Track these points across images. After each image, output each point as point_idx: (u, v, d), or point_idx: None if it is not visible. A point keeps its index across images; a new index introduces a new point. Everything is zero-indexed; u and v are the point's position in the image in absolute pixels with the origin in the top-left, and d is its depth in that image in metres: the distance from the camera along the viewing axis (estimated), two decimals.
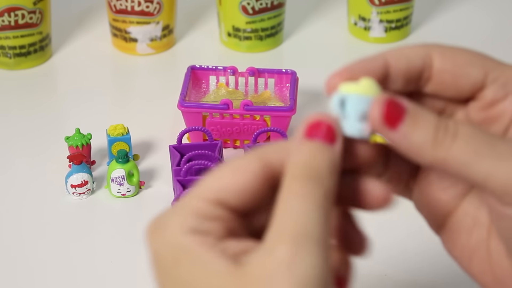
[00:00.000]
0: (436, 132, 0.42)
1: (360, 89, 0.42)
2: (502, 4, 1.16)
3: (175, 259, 0.40)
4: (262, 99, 0.89)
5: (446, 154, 0.41)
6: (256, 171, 0.42)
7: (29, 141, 0.89)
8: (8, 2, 0.96)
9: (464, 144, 0.41)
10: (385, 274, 0.71)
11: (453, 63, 0.44)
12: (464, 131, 0.42)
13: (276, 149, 0.42)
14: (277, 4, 1.03)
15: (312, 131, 0.41)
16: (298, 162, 0.41)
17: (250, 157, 0.42)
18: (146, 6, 1.01)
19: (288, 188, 0.40)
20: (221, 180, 0.42)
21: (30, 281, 0.72)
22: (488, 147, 0.41)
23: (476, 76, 0.44)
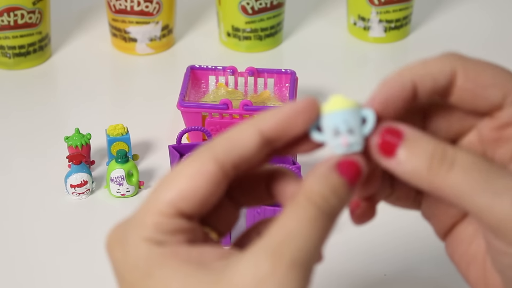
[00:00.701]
0: (432, 159, 0.41)
1: (327, 107, 0.42)
2: (502, 4, 1.16)
3: (145, 273, 0.40)
4: (261, 99, 0.89)
5: (441, 183, 0.41)
6: (211, 173, 0.41)
7: (28, 141, 0.89)
8: (7, 2, 0.96)
9: (461, 175, 0.41)
10: (384, 274, 0.72)
11: (474, 83, 0.44)
12: (462, 161, 0.42)
13: (229, 144, 0.42)
14: (276, 4, 1.03)
15: (344, 167, 0.42)
16: (319, 189, 0.41)
17: (203, 157, 0.42)
18: (146, 6, 1.01)
19: (297, 208, 0.40)
20: (177, 189, 0.41)
21: (30, 280, 0.72)
22: (485, 180, 0.41)
23: (494, 99, 0.44)
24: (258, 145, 0.42)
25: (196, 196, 0.41)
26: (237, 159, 0.42)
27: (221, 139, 0.42)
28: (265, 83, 0.91)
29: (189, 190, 0.41)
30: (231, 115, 0.85)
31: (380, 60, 1.06)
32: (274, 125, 0.42)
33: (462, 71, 0.44)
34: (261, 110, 0.84)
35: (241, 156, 0.42)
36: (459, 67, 0.44)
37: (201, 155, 0.42)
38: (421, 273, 0.72)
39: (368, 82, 1.01)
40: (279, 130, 0.42)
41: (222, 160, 0.41)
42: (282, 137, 0.42)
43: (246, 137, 0.42)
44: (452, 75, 0.44)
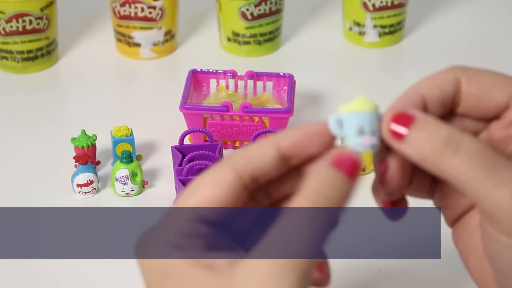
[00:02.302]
0: (438, 143, 0.42)
1: (353, 107, 0.44)
2: (492, 10, 1.16)
3: (162, 274, 0.41)
4: (260, 101, 0.90)
5: (445, 166, 0.42)
6: (231, 183, 0.43)
7: (36, 142, 0.89)
8: (16, 9, 0.96)
9: (465, 161, 0.42)
10: (379, 270, 0.72)
11: (477, 86, 0.45)
12: (467, 147, 0.42)
13: (248, 157, 0.43)
14: (275, 10, 1.02)
15: (339, 161, 0.42)
16: (316, 185, 0.41)
17: (224, 168, 0.43)
18: (149, 12, 1.01)
19: (296, 208, 0.41)
20: (199, 197, 0.43)
21: (35, 277, 0.72)
22: (488, 169, 0.41)
23: (500, 99, 0.45)
24: (275, 160, 0.43)
25: (215, 203, 0.43)
26: (255, 171, 0.43)
27: (241, 152, 0.44)
28: (264, 86, 0.91)
29: (209, 198, 0.42)
30: (231, 117, 0.85)
31: (375, 64, 1.05)
32: (290, 143, 0.43)
33: (465, 77, 0.45)
34: (261, 112, 0.85)
35: (258, 168, 0.43)
36: (462, 75, 0.45)
37: (222, 166, 0.43)
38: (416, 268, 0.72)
39: (363, 85, 1.01)
40: (295, 149, 0.43)
41: (241, 171, 0.43)
42: (297, 156, 0.44)
43: (264, 152, 0.43)
44: (456, 82, 0.45)
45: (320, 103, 0.95)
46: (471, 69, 0.45)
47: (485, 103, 0.45)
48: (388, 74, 1.05)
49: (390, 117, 0.43)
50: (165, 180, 0.83)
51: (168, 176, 0.83)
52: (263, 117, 0.85)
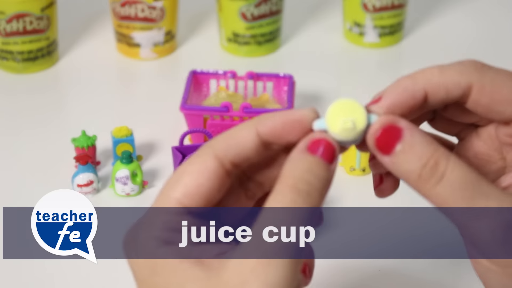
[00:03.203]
0: (423, 168, 0.41)
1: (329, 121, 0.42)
2: (492, 10, 1.16)
3: (152, 271, 0.41)
4: (260, 102, 0.90)
5: (428, 193, 0.42)
6: (213, 171, 0.42)
7: (37, 143, 0.89)
8: (16, 9, 0.96)
9: (448, 191, 0.41)
10: (379, 270, 0.72)
11: (489, 99, 0.43)
12: (452, 176, 0.41)
13: (228, 142, 0.42)
14: (275, 11, 1.03)
15: (314, 146, 0.41)
16: (294, 172, 0.41)
17: (205, 155, 0.42)
18: (149, 13, 1.01)
19: (276, 195, 0.40)
20: (181, 187, 0.42)
21: (35, 278, 0.72)
22: (469, 200, 0.41)
23: (508, 115, 0.44)
24: (256, 146, 0.43)
25: (199, 192, 0.42)
26: (235, 157, 0.42)
27: (220, 138, 0.43)
28: (264, 86, 0.91)
29: (193, 187, 0.42)
30: (231, 117, 0.85)
31: (375, 64, 1.06)
32: (270, 129, 0.43)
33: (479, 86, 0.43)
34: (261, 112, 0.84)
35: (239, 154, 0.42)
36: (476, 81, 0.43)
37: (201, 153, 0.42)
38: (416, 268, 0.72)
39: (362, 85, 1.01)
40: (275, 135, 0.43)
41: (222, 158, 0.42)
42: (278, 142, 0.43)
43: (245, 137, 0.43)
44: (467, 88, 0.43)
45: (320, 104, 0.95)
46: (488, 73, 0.43)
47: (491, 115, 0.44)
48: (388, 75, 1.05)
49: (378, 128, 0.42)
50: (165, 180, 0.82)
51: (168, 176, 0.82)
52: None
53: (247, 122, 0.43)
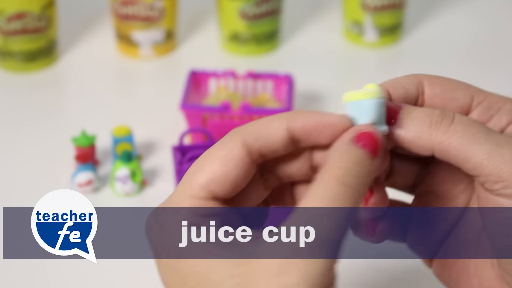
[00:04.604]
0: (431, 118, 0.43)
1: (366, 94, 0.44)
2: (492, 10, 1.16)
3: (180, 254, 0.40)
4: (260, 101, 0.90)
5: (443, 138, 0.42)
6: (241, 158, 0.42)
7: (36, 142, 0.89)
8: (17, 8, 0.96)
9: (462, 128, 0.42)
10: (379, 270, 0.72)
11: (441, 88, 0.46)
12: (461, 118, 0.43)
13: (258, 132, 0.42)
14: (274, 10, 1.03)
15: (361, 139, 0.42)
16: (341, 164, 0.41)
17: (233, 141, 0.42)
18: (149, 12, 1.01)
19: (320, 186, 0.40)
20: (209, 173, 0.41)
21: (35, 278, 0.73)
22: (486, 133, 0.42)
23: (463, 100, 0.45)
24: (285, 140, 0.43)
25: (226, 179, 0.41)
26: (263, 147, 0.42)
27: (250, 126, 0.43)
28: (264, 85, 0.91)
29: (221, 173, 0.41)
30: (231, 116, 0.85)
31: (374, 63, 1.06)
32: (301, 127, 0.43)
33: (428, 80, 0.46)
34: (260, 112, 0.85)
35: (267, 145, 0.42)
36: (425, 78, 0.46)
37: (229, 139, 0.42)
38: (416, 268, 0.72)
39: (362, 84, 1.01)
40: (305, 134, 0.43)
41: (250, 146, 0.42)
42: (306, 141, 0.43)
43: (275, 130, 0.43)
44: (419, 84, 0.46)
45: (319, 103, 0.95)
46: (433, 75, 0.46)
47: (450, 103, 0.46)
48: (387, 74, 1.05)
49: None
50: (165, 179, 0.83)
51: (168, 175, 0.84)
52: (263, 116, 0.85)
53: (279, 115, 0.43)
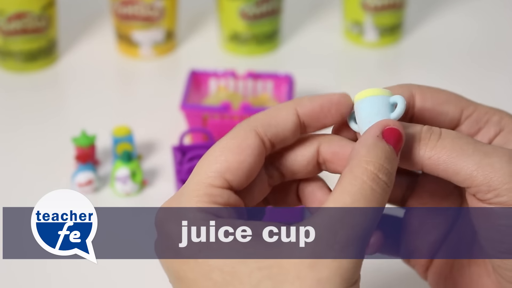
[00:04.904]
0: (419, 134, 0.43)
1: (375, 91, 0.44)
2: (492, 10, 1.16)
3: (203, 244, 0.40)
4: (260, 101, 0.90)
5: (431, 153, 0.42)
6: (255, 147, 0.42)
7: (36, 142, 0.89)
8: (17, 8, 0.96)
9: (449, 142, 0.42)
10: (379, 270, 0.72)
11: (432, 102, 0.46)
12: (448, 133, 0.43)
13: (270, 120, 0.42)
14: (275, 10, 1.03)
15: (389, 134, 0.42)
16: (370, 159, 0.40)
17: (247, 130, 0.42)
18: (150, 12, 1.01)
19: (351, 182, 0.40)
20: (224, 162, 0.41)
21: (35, 278, 0.73)
22: (472, 145, 0.42)
23: (453, 114, 0.46)
24: (295, 126, 0.43)
25: (241, 168, 0.41)
26: (274, 136, 0.43)
27: (260, 116, 0.43)
28: (264, 85, 0.91)
29: (235, 162, 0.41)
30: (231, 116, 0.85)
31: (375, 63, 1.06)
32: (309, 110, 0.43)
33: (419, 93, 0.46)
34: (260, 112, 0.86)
35: (278, 134, 0.43)
36: (416, 90, 0.46)
37: (242, 129, 0.42)
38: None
39: (362, 84, 1.00)
40: (313, 117, 0.43)
41: (263, 135, 0.42)
42: (314, 124, 0.44)
43: (284, 117, 0.43)
44: (410, 97, 0.45)
45: None
46: (425, 86, 0.46)
47: (439, 118, 0.46)
48: (387, 74, 1.05)
49: None
50: (165, 179, 0.84)
51: (168, 175, 0.84)
52: None
53: (286, 103, 0.44)
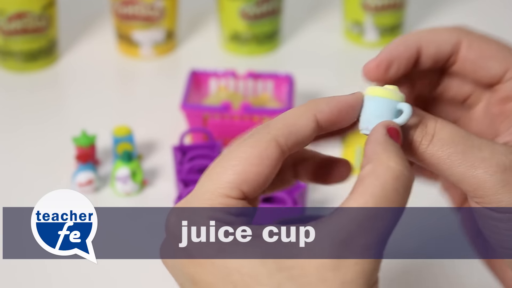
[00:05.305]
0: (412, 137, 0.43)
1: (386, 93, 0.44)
2: (491, 11, 1.16)
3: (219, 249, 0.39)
4: (260, 101, 0.90)
5: (423, 155, 0.43)
6: (275, 159, 0.41)
7: (36, 142, 0.89)
8: (17, 8, 0.96)
9: (439, 149, 0.43)
10: None
11: (477, 54, 0.45)
12: (441, 134, 0.43)
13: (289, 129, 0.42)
14: (275, 10, 1.03)
15: (393, 133, 0.42)
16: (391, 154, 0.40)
17: (264, 140, 0.41)
18: (150, 12, 1.01)
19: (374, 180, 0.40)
20: (240, 172, 0.41)
21: (35, 278, 0.73)
22: (462, 153, 0.42)
23: (495, 71, 0.45)
24: (314, 132, 0.43)
25: (259, 179, 0.41)
26: (295, 144, 0.42)
27: (280, 123, 0.42)
28: (264, 85, 0.91)
29: (253, 174, 0.41)
30: (231, 116, 0.85)
31: None
32: (328, 116, 0.43)
33: (467, 41, 0.45)
34: (261, 111, 0.85)
35: (298, 142, 0.42)
36: (464, 38, 0.45)
37: (261, 137, 0.41)
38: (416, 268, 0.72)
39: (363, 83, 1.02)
40: (332, 122, 0.43)
41: (283, 145, 0.41)
42: (331, 128, 0.43)
43: (305, 125, 0.42)
44: (456, 44, 0.45)
45: None
46: (476, 34, 0.46)
47: (480, 71, 0.46)
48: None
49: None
50: (165, 179, 0.84)
51: (168, 175, 0.84)
52: (263, 116, 0.86)
53: (304, 108, 0.43)
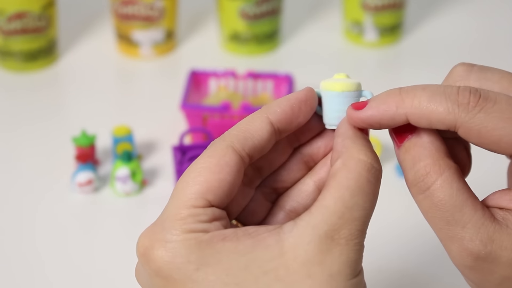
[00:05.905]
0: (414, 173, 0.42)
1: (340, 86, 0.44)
2: (491, 11, 1.16)
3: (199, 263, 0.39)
4: (260, 100, 0.90)
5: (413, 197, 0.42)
6: (234, 165, 0.41)
7: (36, 142, 0.89)
8: (17, 8, 0.96)
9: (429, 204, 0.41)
10: (379, 269, 0.72)
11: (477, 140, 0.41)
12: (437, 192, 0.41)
13: (245, 135, 0.42)
14: (275, 10, 1.03)
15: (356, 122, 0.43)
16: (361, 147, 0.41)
17: (221, 149, 0.41)
18: (150, 12, 1.01)
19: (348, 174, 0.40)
20: (203, 182, 0.41)
21: (35, 277, 0.73)
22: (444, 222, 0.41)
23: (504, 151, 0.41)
24: (270, 135, 0.43)
25: (223, 187, 0.41)
26: (252, 149, 0.42)
27: (235, 131, 0.42)
28: (264, 85, 0.92)
29: (216, 181, 0.41)
30: (231, 116, 0.85)
31: (375, 63, 1.06)
32: (280, 116, 0.43)
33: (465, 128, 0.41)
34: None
35: (255, 146, 0.42)
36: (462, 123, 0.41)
37: (219, 147, 0.42)
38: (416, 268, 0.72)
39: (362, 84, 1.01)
40: (286, 121, 0.43)
41: (240, 151, 0.42)
42: (288, 128, 0.43)
43: (259, 129, 0.43)
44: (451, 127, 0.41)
45: None
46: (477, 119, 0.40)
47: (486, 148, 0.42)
48: (387, 73, 1.05)
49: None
50: (165, 179, 0.84)
51: (168, 175, 0.84)
52: None
53: (256, 113, 0.43)
